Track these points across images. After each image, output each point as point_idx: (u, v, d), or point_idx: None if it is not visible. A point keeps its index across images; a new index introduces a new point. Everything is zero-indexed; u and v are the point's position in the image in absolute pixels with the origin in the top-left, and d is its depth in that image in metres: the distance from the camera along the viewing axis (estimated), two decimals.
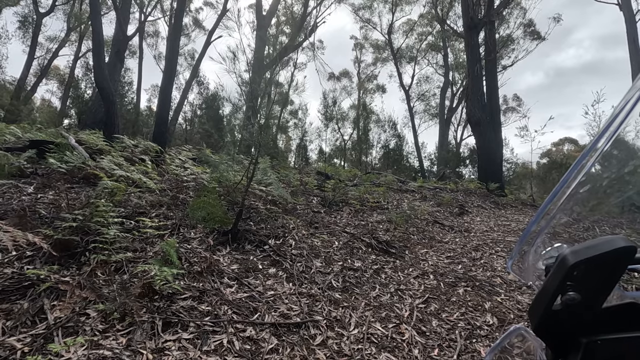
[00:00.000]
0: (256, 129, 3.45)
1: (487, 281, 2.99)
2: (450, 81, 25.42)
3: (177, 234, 3.06)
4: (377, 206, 5.67)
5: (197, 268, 2.48)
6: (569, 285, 0.47)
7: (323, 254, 3.17)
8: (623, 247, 0.44)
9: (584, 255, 0.45)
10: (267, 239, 3.36)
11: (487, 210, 7.33)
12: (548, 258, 0.58)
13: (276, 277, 2.61)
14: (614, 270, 0.46)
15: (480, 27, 11.64)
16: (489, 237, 4.72)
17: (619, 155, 0.51)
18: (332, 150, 29.87)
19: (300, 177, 6.97)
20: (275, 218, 4.00)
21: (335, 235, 3.75)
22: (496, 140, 12.02)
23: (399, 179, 10.82)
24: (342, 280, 2.72)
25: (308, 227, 3.93)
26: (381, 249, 3.58)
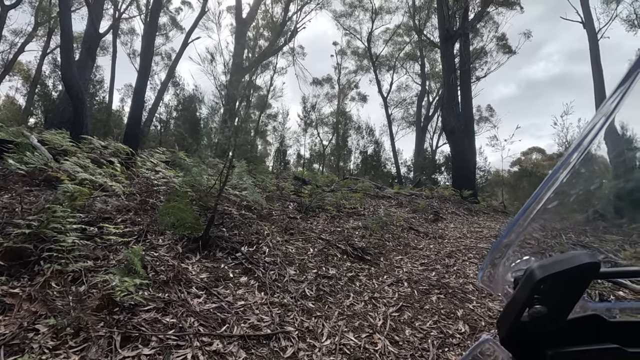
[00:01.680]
0: (231, 131, 3.35)
1: (460, 288, 3.02)
2: (426, 90, 26.09)
3: (144, 241, 2.91)
4: (354, 212, 5.67)
5: (163, 277, 2.36)
6: (536, 298, 0.49)
7: (297, 262, 3.10)
8: (587, 263, 0.46)
9: (551, 270, 0.47)
10: (240, 246, 3.26)
11: (461, 216, 7.49)
12: (517, 270, 0.60)
13: (247, 286, 2.53)
14: (579, 285, 0.49)
15: (456, 39, 12.02)
16: (462, 243, 4.80)
17: (586, 172, 0.54)
18: (312, 155, 29.91)
19: (277, 182, 6.89)
20: (250, 224, 3.91)
21: (311, 242, 3.69)
22: (470, 149, 12.39)
23: (376, 185, 10.92)
24: (315, 289, 2.67)
25: (283, 234, 3.86)
26: (356, 255, 3.55)
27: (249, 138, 19.40)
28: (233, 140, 3.32)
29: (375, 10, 25.97)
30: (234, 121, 18.05)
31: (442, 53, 12.16)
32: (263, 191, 5.51)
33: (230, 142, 3.24)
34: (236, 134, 3.61)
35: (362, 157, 25.95)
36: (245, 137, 18.19)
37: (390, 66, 27.67)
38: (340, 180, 10.06)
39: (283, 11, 20.46)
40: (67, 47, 8.27)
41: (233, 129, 3.83)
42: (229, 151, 3.35)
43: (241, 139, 3.75)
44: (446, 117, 11.88)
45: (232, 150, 3.40)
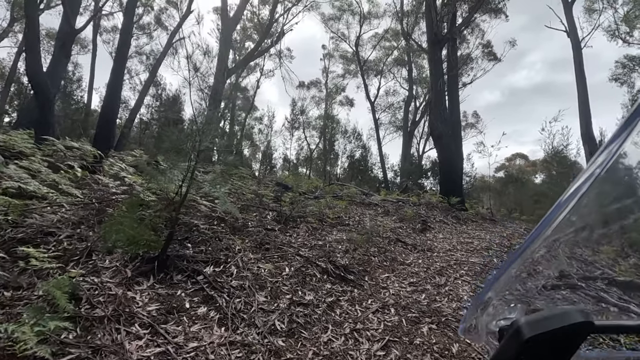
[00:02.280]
0: (196, 131, 2.94)
1: (454, 315, 2.67)
2: (413, 95, 26.06)
3: (87, 263, 2.47)
4: (338, 222, 5.30)
5: (99, 312, 1.93)
6: (522, 356, 0.46)
7: (269, 285, 2.70)
8: (580, 323, 0.44)
9: (539, 329, 0.44)
10: (205, 266, 2.84)
11: (449, 225, 7.22)
12: (502, 319, 0.56)
13: (205, 319, 2.12)
14: (570, 344, 0.46)
15: (443, 43, 11.86)
16: (453, 257, 4.48)
17: (575, 221, 0.51)
18: (299, 159, 29.53)
19: (257, 188, 6.47)
20: (220, 238, 3.49)
21: (287, 259, 3.30)
22: (457, 154, 12.21)
23: (363, 190, 10.60)
24: (288, 320, 2.28)
25: (257, 250, 3.45)
26: (338, 275, 3.17)
27: (232, 139, 18.89)
28: (197, 142, 2.89)
29: (364, 15, 25.89)
30: (216, 122, 17.55)
31: (430, 57, 11.99)
32: (239, 199, 5.09)
33: (195, 144, 2.84)
34: (200, 133, 3.18)
35: (349, 161, 25.71)
36: (217, 138, 17.68)
37: (378, 71, 27.62)
38: (326, 186, 9.69)
39: (270, 12, 20.07)
40: (32, 41, 7.69)
41: (197, 128, 3.43)
42: (190, 155, 2.91)
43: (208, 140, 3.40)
44: (434, 122, 11.67)
45: (196, 153, 2.96)
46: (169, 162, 3.04)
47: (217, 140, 7.31)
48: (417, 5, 20.10)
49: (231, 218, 4.03)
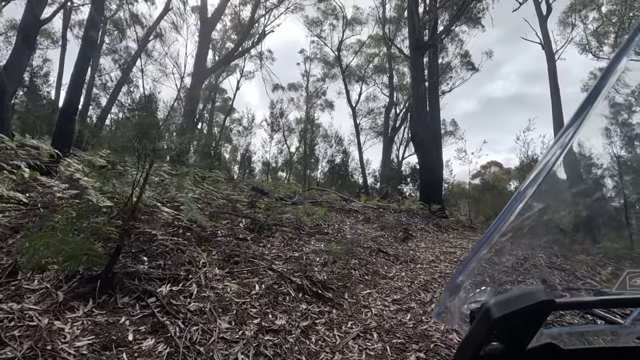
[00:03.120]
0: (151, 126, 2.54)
1: (443, 340, 2.39)
2: (394, 102, 26.21)
3: (8, 284, 2.03)
4: (316, 230, 4.97)
5: (9, 353, 1.51)
6: (492, 334, 0.48)
7: (235, 307, 2.34)
8: (543, 301, 0.47)
9: (507, 308, 0.47)
10: (160, 284, 2.45)
11: (431, 233, 7.03)
12: (474, 302, 0.59)
13: (150, 355, 1.73)
14: (535, 321, 0.49)
15: (425, 49, 11.84)
16: (437, 269, 4.24)
17: (539, 205, 0.54)
18: (279, 162, 29.09)
19: (231, 192, 6.05)
20: (183, 250, 3.09)
21: (258, 275, 2.94)
22: (438, 161, 12.19)
23: (343, 196, 10.33)
24: (254, 353, 1.92)
25: (224, 263, 3.07)
26: (315, 293, 2.84)
27: (211, 140, 18.20)
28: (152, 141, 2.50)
29: (347, 20, 25.90)
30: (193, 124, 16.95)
31: (412, 63, 11.93)
32: (209, 205, 4.68)
33: (145, 142, 2.45)
34: (158, 132, 2.79)
35: (329, 166, 25.51)
36: (180, 136, 17.06)
37: (359, 76, 27.67)
38: (305, 191, 9.36)
39: (251, 13, 19.63)
40: None
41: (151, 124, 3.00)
42: (143, 155, 2.51)
43: (168, 139, 3.00)
44: (415, 128, 11.60)
45: (150, 152, 2.55)
46: (121, 162, 2.63)
47: (177, 139, 6.84)
48: (400, 12, 20.25)
49: (198, 227, 3.63)
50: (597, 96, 0.45)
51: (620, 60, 0.44)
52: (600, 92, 0.45)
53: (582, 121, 0.45)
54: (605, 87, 0.45)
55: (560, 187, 0.57)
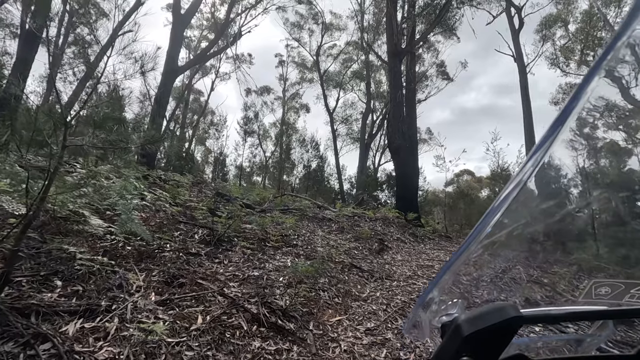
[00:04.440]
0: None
1: None
2: (371, 109, 26.18)
3: None
4: (284, 242, 4.48)
5: None
6: (463, 351, 0.49)
7: (164, 351, 1.81)
8: (512, 318, 0.48)
9: (477, 325, 0.48)
10: (70, 320, 1.89)
11: (407, 244, 6.70)
12: (444, 315, 0.60)
13: None
14: (504, 337, 0.50)
15: (403, 55, 11.69)
16: (415, 287, 3.86)
17: (512, 220, 0.55)
18: (253, 167, 28.38)
19: (191, 198, 5.46)
20: (114, 271, 2.52)
21: (205, 302, 2.42)
22: (414, 168, 12.01)
23: (317, 203, 9.88)
24: None
25: (165, 287, 2.53)
26: (273, 324, 2.35)
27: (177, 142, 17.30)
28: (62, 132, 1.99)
29: (326, 26, 25.74)
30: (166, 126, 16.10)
31: (390, 68, 11.74)
32: (159, 213, 4.09)
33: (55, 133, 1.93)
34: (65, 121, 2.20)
35: (305, 171, 25.07)
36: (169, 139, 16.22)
37: (337, 82, 27.52)
38: (276, 197, 8.83)
39: (226, 12, 18.97)
40: None
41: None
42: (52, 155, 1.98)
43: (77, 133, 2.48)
44: (392, 135, 11.37)
45: (59, 149, 2.00)
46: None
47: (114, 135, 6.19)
48: (378, 20, 20.24)
49: (139, 240, 3.06)
50: (569, 114, 0.45)
51: (591, 79, 0.44)
52: (572, 110, 0.45)
53: (554, 139, 0.46)
54: (577, 106, 0.45)
55: (532, 203, 0.58)
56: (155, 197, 4.48)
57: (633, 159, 0.75)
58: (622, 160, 0.75)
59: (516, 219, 0.58)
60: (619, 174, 0.76)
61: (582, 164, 0.68)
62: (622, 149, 0.75)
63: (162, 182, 7.08)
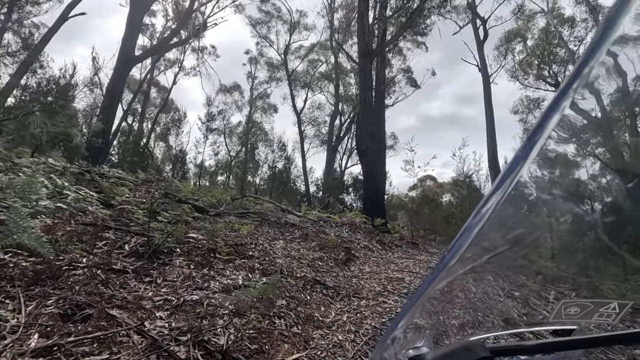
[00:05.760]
0: None
1: None
2: (339, 111, 25.94)
3: None
4: (237, 253, 3.86)
5: None
6: None
7: None
8: (481, 358, 0.48)
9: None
10: None
11: (375, 253, 6.29)
12: (411, 348, 0.59)
13: None
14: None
15: (374, 56, 11.41)
16: (384, 306, 3.40)
17: (472, 256, 0.55)
18: (218, 165, 27.15)
19: (131, 199, 4.67)
20: None
21: (114, 346, 1.76)
22: (381, 172, 11.75)
23: (280, 206, 9.26)
24: None
25: (59, 324, 1.84)
26: None
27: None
28: None
29: (293, 24, 25.20)
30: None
31: (360, 68, 11.41)
32: (73, 218, 3.32)
33: None
34: None
35: (271, 172, 24.32)
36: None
37: (305, 82, 27.05)
38: (236, 198, 8.11)
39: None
40: None
41: None
42: None
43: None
44: (361, 137, 11.03)
45: None
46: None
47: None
48: (349, 20, 20.01)
49: (37, 257, 2.32)
50: (543, 131, 0.45)
51: (560, 103, 0.44)
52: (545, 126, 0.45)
53: (528, 156, 0.46)
54: (544, 134, 0.45)
55: (507, 223, 0.57)
56: (79, 197, 3.68)
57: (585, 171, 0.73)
58: (574, 173, 0.72)
59: (492, 240, 0.57)
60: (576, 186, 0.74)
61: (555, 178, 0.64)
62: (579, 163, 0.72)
63: (104, 180, 6.17)
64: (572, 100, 0.44)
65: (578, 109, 0.46)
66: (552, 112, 0.44)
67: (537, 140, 0.46)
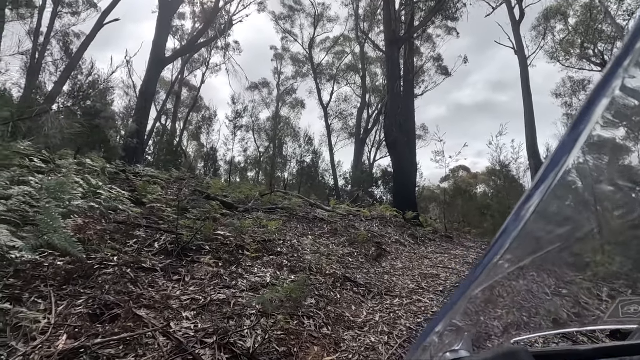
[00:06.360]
0: None
1: None
2: (367, 103, 25.45)
3: None
4: (266, 250, 3.80)
5: None
6: None
7: None
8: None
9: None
10: None
11: (407, 247, 6.06)
12: (449, 351, 0.55)
13: None
14: None
15: (401, 43, 10.99)
16: (420, 305, 3.21)
17: (515, 255, 0.51)
18: (247, 161, 27.60)
19: (162, 197, 4.75)
20: (19, 302, 1.81)
21: (139, 348, 1.73)
22: (411, 163, 11.36)
23: (309, 201, 9.20)
24: None
25: (88, 325, 1.84)
26: None
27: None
28: None
29: (317, 17, 24.92)
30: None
31: (388, 57, 11.04)
32: (107, 216, 3.37)
33: None
34: None
35: (299, 167, 24.35)
36: None
37: (331, 75, 26.73)
38: (266, 194, 8.12)
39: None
40: None
41: None
42: None
43: None
44: (389, 128, 10.71)
45: None
46: None
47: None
48: (374, 9, 19.47)
49: (69, 258, 2.35)
50: (592, 113, 0.41)
51: (609, 84, 0.39)
52: (594, 109, 0.41)
53: (577, 141, 0.42)
54: (591, 119, 0.41)
55: (553, 218, 0.52)
56: (112, 196, 3.76)
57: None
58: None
59: (534, 238, 0.52)
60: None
61: (605, 167, 0.57)
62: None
63: (138, 179, 6.36)
64: (623, 81, 0.39)
65: (630, 90, 0.41)
66: (600, 95, 0.40)
67: (583, 126, 0.42)
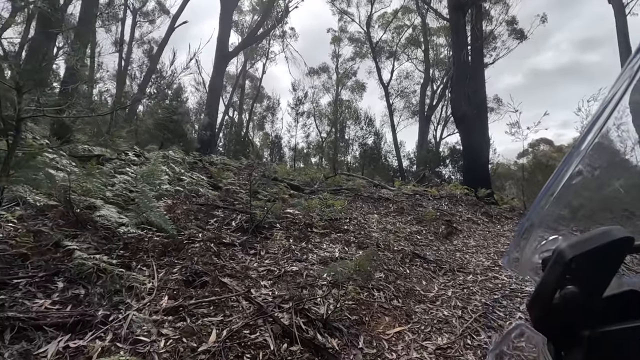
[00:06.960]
0: None
1: None
2: (430, 78, 24.01)
3: None
4: (333, 228, 3.91)
5: None
6: (567, 278, 0.44)
7: None
8: (621, 239, 0.43)
9: (581, 248, 0.43)
10: (56, 335, 1.52)
11: (480, 226, 5.72)
12: (545, 251, 0.53)
13: None
14: (612, 261, 0.44)
15: (467, 8, 10.09)
16: (496, 281, 3.04)
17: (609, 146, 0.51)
18: (310, 147, 28.17)
19: (234, 181, 5.12)
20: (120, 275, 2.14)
21: (225, 310, 1.94)
22: (483, 138, 10.53)
23: (373, 182, 9.13)
24: None
25: (184, 289, 2.10)
26: (309, 341, 1.79)
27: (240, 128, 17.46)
28: None
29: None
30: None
31: (452, 24, 10.25)
32: (193, 199, 3.74)
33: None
34: None
35: (361, 149, 24.15)
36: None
37: (390, 52, 25.63)
38: (328, 177, 8.26)
39: None
40: None
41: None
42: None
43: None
44: (456, 102, 10.02)
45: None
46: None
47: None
48: None
49: (162, 232, 2.69)
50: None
51: None
52: None
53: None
54: None
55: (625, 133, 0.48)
56: (193, 181, 4.17)
57: None
58: None
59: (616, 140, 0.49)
60: None
61: None
62: None
63: (212, 167, 6.93)
64: None
65: None
66: None
67: None
